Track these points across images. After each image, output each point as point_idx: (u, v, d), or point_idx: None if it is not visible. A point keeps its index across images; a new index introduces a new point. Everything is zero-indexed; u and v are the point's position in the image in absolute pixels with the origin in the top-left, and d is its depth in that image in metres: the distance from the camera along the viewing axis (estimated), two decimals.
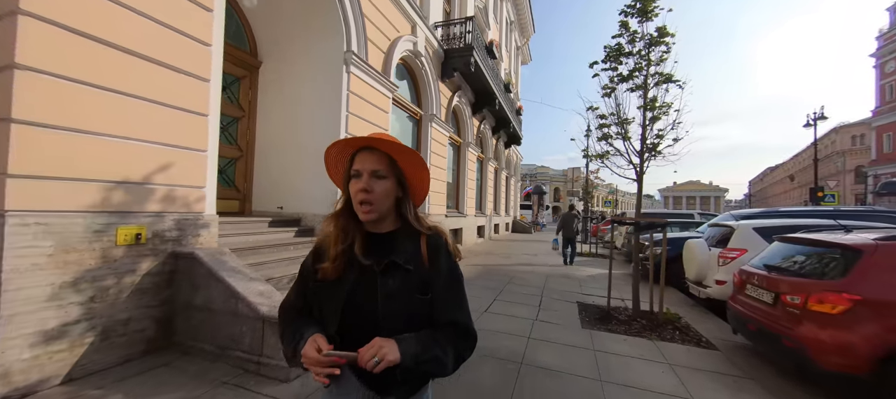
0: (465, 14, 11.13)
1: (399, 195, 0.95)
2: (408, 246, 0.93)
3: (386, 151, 0.91)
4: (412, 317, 0.89)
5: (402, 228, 0.96)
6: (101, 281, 2.58)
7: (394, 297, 0.88)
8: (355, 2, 5.58)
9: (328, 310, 0.91)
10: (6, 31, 2.20)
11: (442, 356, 0.84)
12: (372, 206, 0.89)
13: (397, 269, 0.90)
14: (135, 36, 2.76)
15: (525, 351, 3.41)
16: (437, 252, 0.94)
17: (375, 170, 0.89)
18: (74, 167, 2.45)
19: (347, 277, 0.90)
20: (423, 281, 0.91)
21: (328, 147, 0.96)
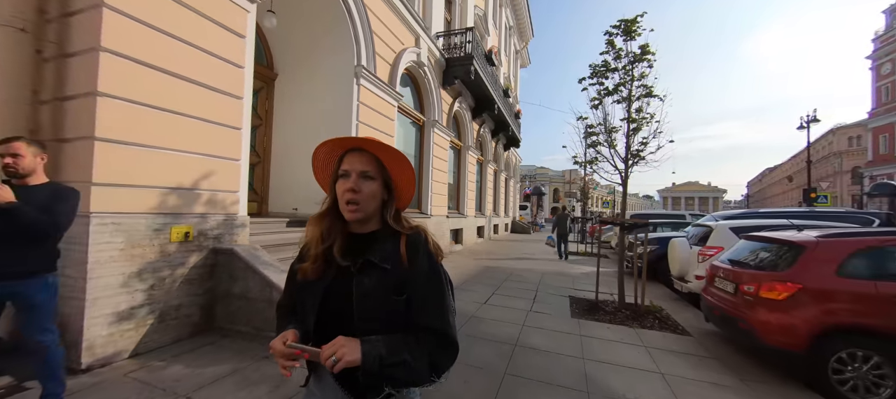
0: (466, 23, 11.63)
1: (385, 198, 0.96)
2: (387, 245, 0.92)
3: (374, 153, 0.93)
4: (389, 318, 0.87)
5: (382, 229, 0.97)
6: (159, 272, 3.06)
7: (369, 296, 0.87)
8: (365, 20, 6.07)
9: (307, 308, 0.92)
10: (89, 64, 2.68)
11: (411, 362, 0.81)
12: (358, 206, 0.90)
13: (373, 268, 0.89)
14: (185, 63, 3.23)
15: (519, 335, 3.88)
16: (416, 251, 0.92)
17: (364, 171, 0.91)
18: (139, 176, 2.92)
19: (326, 277, 0.91)
20: (401, 281, 0.89)
21: (317, 146, 0.96)
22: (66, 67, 2.81)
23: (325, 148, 0.96)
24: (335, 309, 0.88)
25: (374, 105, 6.42)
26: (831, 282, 3.00)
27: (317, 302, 0.89)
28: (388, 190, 0.95)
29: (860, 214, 6.81)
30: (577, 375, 2.99)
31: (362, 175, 0.90)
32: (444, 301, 0.91)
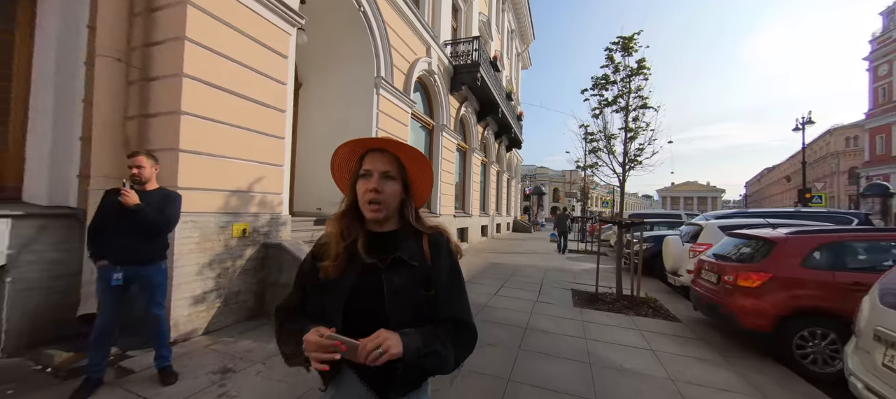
0: (471, 28, 12.15)
1: (403, 197, 0.98)
2: (411, 244, 0.96)
3: (395, 153, 0.95)
4: (417, 312, 0.91)
5: (403, 228, 0.99)
6: (224, 263, 3.58)
7: (400, 292, 0.90)
8: (384, 34, 6.59)
9: (331, 308, 0.91)
10: (173, 87, 3.20)
11: (443, 351, 0.86)
12: (381, 206, 0.91)
13: (403, 265, 0.92)
14: (242, 82, 3.75)
15: (528, 320, 4.41)
16: (440, 249, 0.97)
17: (386, 171, 0.92)
18: (209, 180, 3.44)
19: (349, 275, 0.92)
20: (427, 277, 0.94)
21: (338, 147, 0.98)
22: (149, 89, 3.33)
23: (346, 148, 0.98)
24: (363, 306, 0.89)
25: (390, 112, 6.93)
26: (796, 272, 3.53)
27: (343, 300, 0.89)
28: (406, 189, 0.98)
29: (840, 214, 7.33)
30: (580, 351, 3.51)
31: (384, 175, 0.92)
32: (465, 295, 0.99)
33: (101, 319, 2.40)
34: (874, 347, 2.19)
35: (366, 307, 0.89)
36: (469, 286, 4.71)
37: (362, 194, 0.92)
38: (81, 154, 3.18)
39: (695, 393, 2.79)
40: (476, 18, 12.74)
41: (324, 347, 0.77)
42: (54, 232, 3.02)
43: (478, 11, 13.08)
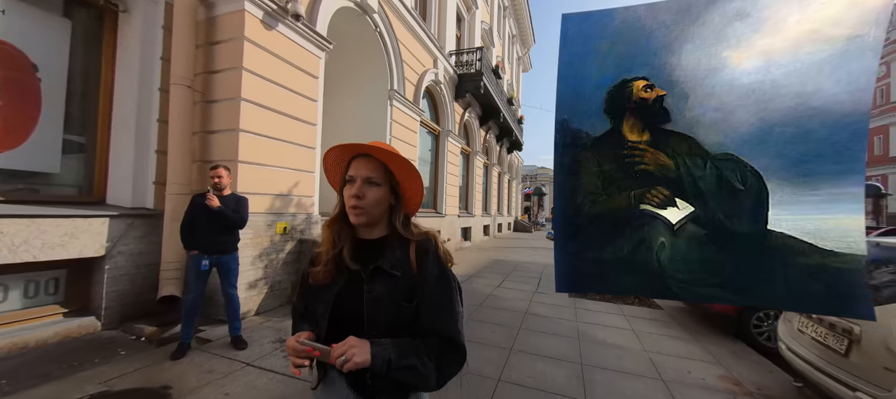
0: (474, 38, 12.79)
1: (392, 203, 0.96)
2: (396, 252, 0.94)
3: (380, 159, 0.94)
4: (398, 324, 0.89)
5: (390, 235, 0.97)
6: (270, 255, 4.23)
7: (379, 302, 0.88)
8: (397, 51, 7.24)
9: (318, 313, 0.93)
10: (232, 109, 3.85)
11: (419, 366, 0.82)
12: (362, 211, 0.91)
13: (383, 274, 0.90)
14: (282, 102, 4.40)
15: (528, 307, 5.06)
16: (426, 257, 0.94)
17: (368, 177, 0.91)
18: (259, 186, 4.09)
19: (336, 282, 0.92)
20: (411, 287, 0.91)
21: (327, 151, 0.99)
22: (210, 110, 3.98)
23: (333, 153, 0.98)
24: (346, 313, 0.89)
25: (402, 121, 7.59)
26: None
27: (328, 306, 0.90)
28: (395, 195, 0.96)
29: None
30: (572, 330, 4.15)
31: (367, 181, 0.91)
32: (453, 307, 0.92)
33: (191, 297, 3.06)
34: (792, 316, 2.84)
35: (348, 314, 0.89)
36: (474, 280, 5.47)
37: (347, 200, 0.93)
38: (156, 165, 3.83)
39: (662, 360, 3.44)
40: (479, 27, 13.38)
41: (298, 352, 0.82)
42: (138, 229, 3.67)
43: (480, 20, 13.72)
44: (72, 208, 3.29)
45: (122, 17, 3.84)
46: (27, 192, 3.32)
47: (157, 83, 3.84)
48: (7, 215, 2.85)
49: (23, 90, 3.29)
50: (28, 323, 3.09)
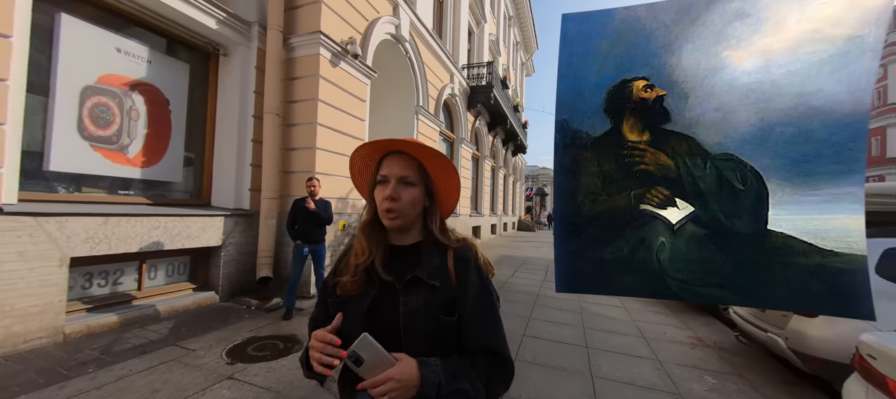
0: (483, 50, 13.84)
1: (426, 205, 0.90)
2: (433, 260, 0.87)
3: (415, 156, 0.87)
4: (437, 338, 0.82)
5: (426, 241, 0.91)
6: (335, 246, 5.29)
7: (416, 315, 0.81)
8: (423, 72, 8.30)
9: (348, 328, 0.81)
10: (310, 131, 4.91)
11: (471, 391, 0.76)
12: (397, 213, 0.84)
13: (420, 284, 0.83)
14: (341, 123, 5.46)
15: (539, 291, 6.12)
16: (466, 267, 0.87)
17: (403, 176, 0.85)
18: (328, 192, 5.15)
19: (368, 293, 0.85)
20: (450, 299, 0.84)
21: (354, 150, 0.92)
22: (290, 132, 5.04)
23: (362, 151, 0.92)
24: (381, 328, 0.79)
25: (425, 132, 8.64)
26: None
27: (359, 320, 0.82)
28: (430, 197, 0.90)
29: None
30: (576, 307, 5.21)
31: (402, 181, 0.85)
32: (497, 320, 0.87)
33: (294, 275, 4.11)
34: None
35: (382, 329, 0.79)
36: None
37: (380, 202, 0.86)
38: (251, 175, 4.89)
39: (646, 326, 4.50)
40: (487, 39, 14.42)
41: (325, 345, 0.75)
42: (240, 225, 4.73)
43: (488, 33, 14.76)
44: (201, 209, 4.36)
45: (222, 60, 4.91)
46: (161, 196, 4.39)
47: (251, 111, 4.90)
48: (167, 215, 3.92)
49: (161, 120, 4.36)
50: (172, 295, 4.15)
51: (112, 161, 3.90)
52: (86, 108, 3.67)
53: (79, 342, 3.08)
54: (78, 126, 3.61)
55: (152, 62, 4.24)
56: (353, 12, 5.65)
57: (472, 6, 12.73)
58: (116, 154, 3.94)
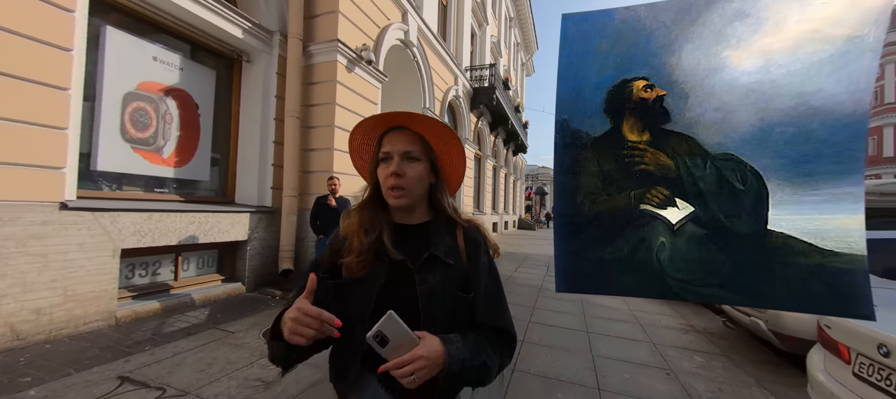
0: (485, 52, 14.17)
1: (432, 181, 0.88)
2: (445, 238, 0.87)
3: (418, 131, 0.85)
4: (454, 316, 0.82)
5: (435, 219, 0.90)
6: None
7: (435, 294, 0.81)
8: (429, 75, 8.62)
9: (356, 311, 0.79)
10: (327, 133, 5.24)
11: (490, 363, 0.79)
12: (404, 191, 0.82)
13: (437, 263, 0.83)
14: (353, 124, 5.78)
15: (542, 283, 6.46)
16: (477, 247, 0.89)
17: (407, 151, 0.82)
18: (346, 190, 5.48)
19: (377, 273, 0.81)
20: (464, 277, 0.85)
21: (354, 127, 0.89)
22: (308, 134, 5.36)
23: (363, 128, 0.89)
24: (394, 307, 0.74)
25: None
26: None
27: (371, 301, 0.79)
28: (435, 173, 0.88)
29: None
30: (576, 298, 5.55)
31: (405, 156, 0.82)
32: (504, 299, 0.89)
33: None
34: None
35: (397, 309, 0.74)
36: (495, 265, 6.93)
37: (384, 180, 0.83)
38: (273, 174, 5.21)
39: (642, 314, 4.84)
40: (488, 41, 14.74)
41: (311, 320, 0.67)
42: (263, 221, 5.06)
43: (490, 35, 15.08)
44: (229, 206, 4.68)
45: (246, 66, 5.22)
46: (191, 194, 4.71)
47: (272, 114, 5.22)
48: (201, 211, 4.24)
49: (191, 123, 4.67)
50: (204, 285, 4.48)
51: (149, 161, 4.22)
52: (127, 112, 4.00)
53: (129, 325, 3.41)
54: (120, 129, 3.94)
55: (184, 69, 4.56)
56: (366, 20, 5.97)
57: (474, 9, 13.04)
58: (153, 155, 4.26)
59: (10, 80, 2.76)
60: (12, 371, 2.48)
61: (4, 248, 2.73)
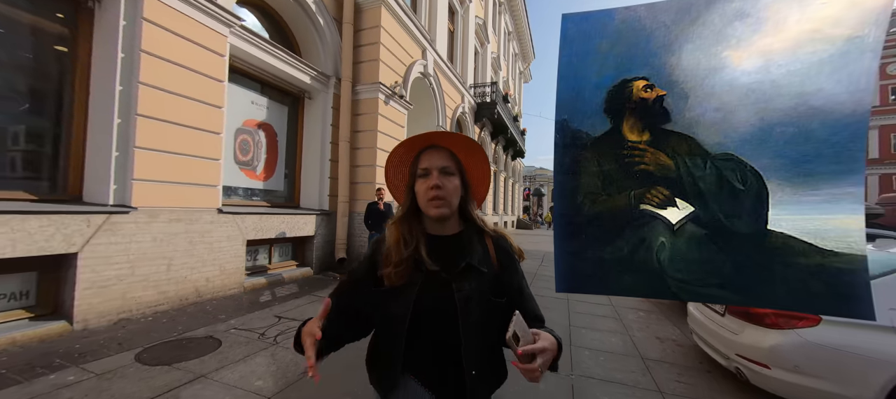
0: (486, 66, 15.76)
1: (462, 194, 0.96)
2: (477, 248, 0.95)
3: (450, 148, 0.94)
4: (488, 319, 0.90)
5: (466, 229, 0.98)
6: None
7: (470, 300, 0.89)
8: (441, 98, 10.20)
9: (395, 316, 0.90)
10: (371, 153, 6.81)
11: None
12: (443, 202, 0.90)
13: (472, 271, 0.91)
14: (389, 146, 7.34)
15: (536, 271, 8.06)
16: (508, 255, 0.99)
17: (444, 166, 0.92)
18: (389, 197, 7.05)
19: (414, 282, 0.90)
20: (496, 283, 0.93)
21: (392, 151, 1.00)
22: (356, 154, 6.93)
23: (402, 149, 0.99)
24: (431, 314, 0.88)
25: None
26: None
27: (409, 307, 0.89)
28: (465, 186, 0.97)
29: None
30: None
31: (442, 171, 0.92)
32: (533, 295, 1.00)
33: None
34: None
35: (434, 315, 0.88)
36: None
37: (423, 193, 0.92)
38: (329, 186, 6.78)
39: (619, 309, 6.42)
40: (489, 57, 16.34)
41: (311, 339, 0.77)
42: (323, 221, 6.62)
43: (490, 51, 16.66)
44: (302, 210, 6.26)
45: (307, 102, 6.79)
46: (271, 201, 6.26)
47: (328, 138, 6.79)
48: (288, 214, 5.81)
49: (273, 147, 6.23)
50: (287, 268, 6.04)
51: (249, 177, 5.79)
52: (237, 143, 5.56)
53: (253, 292, 4.97)
54: (233, 155, 5.50)
55: (268, 107, 6.13)
56: (396, 61, 7.55)
57: (477, 31, 14.62)
58: (251, 172, 5.82)
59: (195, 130, 4.31)
60: (209, 314, 4.04)
61: (192, 239, 4.29)
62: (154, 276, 3.88)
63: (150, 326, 3.55)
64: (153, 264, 3.87)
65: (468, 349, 0.88)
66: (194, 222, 4.32)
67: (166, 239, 4.00)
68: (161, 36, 3.89)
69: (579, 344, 3.86)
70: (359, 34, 6.98)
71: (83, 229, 3.32)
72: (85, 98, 3.73)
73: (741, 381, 2.81)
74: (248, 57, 5.32)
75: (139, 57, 3.71)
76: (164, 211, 3.98)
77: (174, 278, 4.09)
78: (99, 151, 3.66)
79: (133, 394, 2.36)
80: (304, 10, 6.20)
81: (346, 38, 6.74)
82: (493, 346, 0.95)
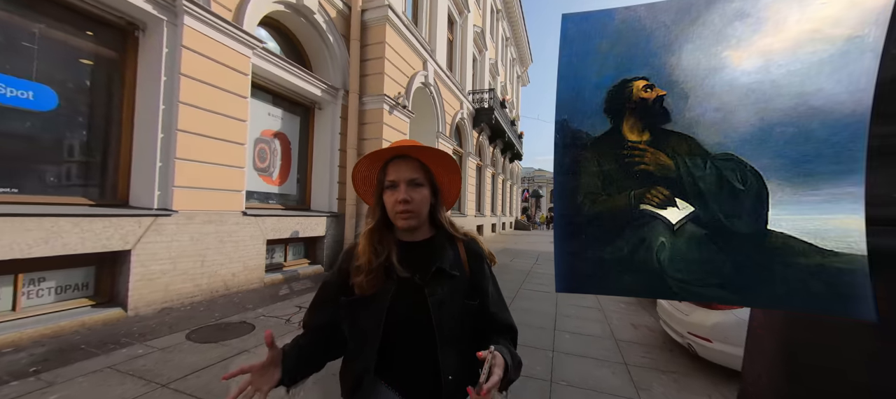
0: (484, 73, 16.33)
1: (432, 202, 0.98)
2: (448, 252, 0.96)
3: (418, 157, 0.95)
4: (462, 323, 0.92)
5: (437, 235, 1.00)
6: None
7: (444, 304, 0.90)
8: (441, 105, 10.76)
9: (368, 325, 0.90)
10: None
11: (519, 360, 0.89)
12: (412, 213, 0.92)
13: (444, 275, 0.93)
14: None
15: (531, 268, 8.62)
16: (480, 259, 1.01)
17: (412, 178, 0.92)
18: None
19: (386, 290, 0.91)
20: (468, 286, 0.95)
21: (357, 163, 1.00)
22: None
23: (366, 161, 0.99)
24: (404, 320, 0.89)
25: None
26: None
27: (382, 315, 0.89)
28: (434, 193, 0.98)
29: None
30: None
31: (411, 183, 0.92)
32: (504, 301, 1.01)
33: None
34: None
35: (407, 322, 0.89)
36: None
37: (392, 206, 0.93)
38: (338, 189, 7.33)
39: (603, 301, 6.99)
40: (487, 64, 16.92)
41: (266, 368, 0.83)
42: (333, 222, 7.17)
43: (488, 58, 17.25)
44: (313, 212, 6.81)
45: (317, 112, 7.35)
46: (285, 204, 6.80)
47: (337, 146, 7.34)
48: (302, 215, 6.36)
49: (287, 154, 6.79)
50: (300, 265, 6.59)
51: (266, 182, 6.34)
52: (256, 151, 6.11)
53: (272, 286, 5.52)
54: (253, 163, 6.05)
55: (283, 118, 6.69)
56: (400, 73, 8.12)
57: (475, 39, 15.21)
58: (267, 178, 6.38)
59: (224, 142, 4.87)
60: (238, 304, 4.59)
61: (221, 238, 4.84)
62: (191, 271, 4.43)
63: (190, 314, 4.10)
64: (190, 260, 4.42)
65: (444, 354, 0.88)
66: (223, 223, 4.86)
67: (200, 238, 4.55)
68: (197, 60, 4.45)
69: (562, 329, 4.41)
70: (365, 49, 7.54)
71: (136, 230, 3.87)
72: (131, 115, 4.29)
73: (691, 355, 3.38)
74: (266, 73, 5.87)
75: (179, 80, 4.26)
76: (199, 214, 4.53)
77: (207, 272, 4.63)
78: (144, 161, 4.21)
79: (194, 362, 2.91)
80: (315, 30, 6.77)
81: (353, 53, 7.30)
82: (468, 350, 0.91)
